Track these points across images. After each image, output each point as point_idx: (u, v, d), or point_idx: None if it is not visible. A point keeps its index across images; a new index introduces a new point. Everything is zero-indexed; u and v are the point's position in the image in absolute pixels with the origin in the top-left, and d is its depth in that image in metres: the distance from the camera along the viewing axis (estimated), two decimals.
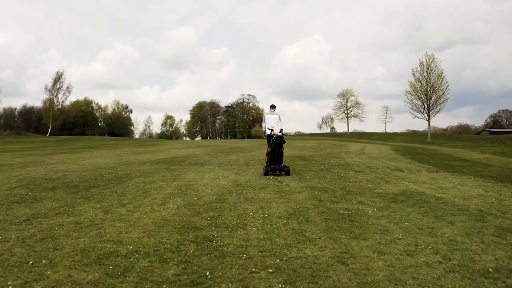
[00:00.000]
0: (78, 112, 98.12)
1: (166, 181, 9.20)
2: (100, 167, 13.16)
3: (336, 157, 17.00)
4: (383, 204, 6.41)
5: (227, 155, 18.00)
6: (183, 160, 15.75)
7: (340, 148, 25.31)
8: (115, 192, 7.69)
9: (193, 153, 20.24)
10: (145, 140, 63.84)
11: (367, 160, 15.74)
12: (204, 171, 11.57)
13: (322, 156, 17.18)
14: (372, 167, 12.97)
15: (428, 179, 10.19)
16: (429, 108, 46.60)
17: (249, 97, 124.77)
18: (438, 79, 45.51)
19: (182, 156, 18.10)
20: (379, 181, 9.28)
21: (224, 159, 15.69)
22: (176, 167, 12.86)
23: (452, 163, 15.81)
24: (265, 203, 6.32)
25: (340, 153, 19.51)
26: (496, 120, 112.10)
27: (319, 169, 11.79)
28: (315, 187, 8.09)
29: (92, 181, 9.57)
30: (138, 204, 6.41)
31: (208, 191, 7.55)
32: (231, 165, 13.41)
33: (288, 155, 17.77)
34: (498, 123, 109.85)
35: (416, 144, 40.71)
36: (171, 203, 6.48)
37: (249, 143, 39.12)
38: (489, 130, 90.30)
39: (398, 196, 7.25)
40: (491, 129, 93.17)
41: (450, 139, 50.12)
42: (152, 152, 22.27)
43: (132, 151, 24.57)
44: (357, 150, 22.74)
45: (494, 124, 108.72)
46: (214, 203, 6.41)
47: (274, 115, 10.91)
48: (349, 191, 7.64)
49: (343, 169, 12.04)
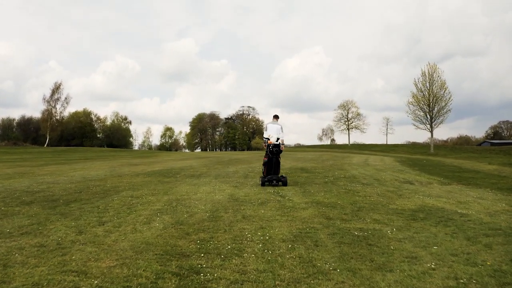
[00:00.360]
0: (77, 123, 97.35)
1: (156, 195, 8.34)
2: (89, 179, 12.31)
3: (340, 169, 16.14)
4: (402, 223, 5.54)
5: (225, 167, 17.14)
6: (178, 172, 14.89)
7: (342, 159, 24.46)
8: (96, 208, 6.82)
9: (190, 164, 19.38)
10: (144, 152, 62.96)
11: (373, 172, 14.87)
12: (199, 184, 10.71)
13: (325, 168, 16.33)
14: (380, 179, 12.10)
15: (443, 192, 9.33)
16: (431, 119, 45.83)
17: (249, 109, 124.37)
18: (440, 89, 44.86)
19: (178, 167, 17.24)
20: (391, 195, 8.41)
21: (222, 171, 14.83)
22: (170, 180, 12.00)
23: (463, 174, 14.95)
24: (265, 222, 5.45)
25: (344, 165, 18.64)
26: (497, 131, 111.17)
27: (324, 182, 10.93)
28: (321, 202, 7.22)
29: (75, 194, 8.72)
30: (119, 223, 5.54)
31: (201, 207, 6.68)
32: (229, 177, 12.55)
33: (289, 167, 16.92)
34: (499, 134, 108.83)
35: (419, 155, 39.85)
36: (157, 221, 5.61)
37: (248, 154, 38.23)
38: (490, 142, 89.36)
39: (416, 212, 6.38)
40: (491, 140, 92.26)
41: (453, 150, 49.25)
42: (148, 164, 21.41)
43: (127, 162, 23.71)
44: (361, 162, 21.88)
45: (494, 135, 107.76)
46: (206, 221, 5.54)
47: (276, 125, 10.51)
48: (360, 207, 6.77)
49: (349, 181, 11.18)
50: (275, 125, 10.48)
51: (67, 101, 75.50)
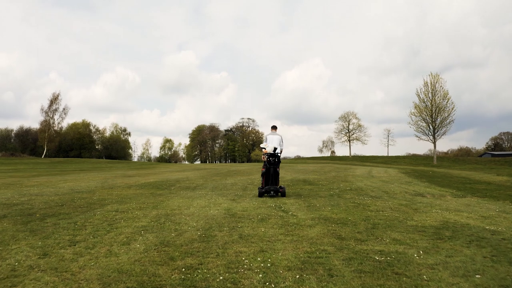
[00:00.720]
0: (75, 135, 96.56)
1: (144, 209, 7.48)
2: (77, 191, 11.47)
3: (344, 180, 15.29)
4: (427, 243, 4.69)
5: (223, 179, 16.28)
6: (173, 183, 14.04)
7: (345, 171, 23.60)
8: (73, 224, 5.97)
9: (187, 176, 18.53)
10: (142, 163, 62.00)
11: (380, 184, 14.02)
12: (194, 196, 9.86)
13: (328, 180, 15.47)
14: (388, 192, 11.24)
15: (461, 205, 8.48)
16: (434, 129, 45.04)
17: (249, 121, 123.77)
18: (443, 99, 44.15)
19: (174, 179, 16.39)
20: (406, 210, 7.56)
21: (220, 183, 13.98)
22: (163, 192, 11.15)
23: (475, 186, 14.09)
24: (266, 244, 4.59)
25: (347, 177, 17.79)
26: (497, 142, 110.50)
27: (329, 195, 10.08)
28: (329, 218, 6.37)
29: (56, 208, 7.88)
30: (93, 243, 4.69)
31: (192, 224, 5.82)
32: (227, 189, 11.70)
33: (291, 179, 16.08)
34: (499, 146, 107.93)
35: (423, 167, 38.96)
36: (139, 241, 4.76)
37: (248, 166, 37.38)
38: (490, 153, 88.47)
39: (440, 230, 5.53)
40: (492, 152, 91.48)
41: (457, 162, 48.37)
42: (143, 175, 20.56)
43: (122, 174, 22.86)
44: (365, 173, 21.02)
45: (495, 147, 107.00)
46: (196, 242, 4.68)
47: (275, 136, 10.30)
48: (375, 224, 5.92)
49: (357, 194, 10.33)
50: (275, 136, 10.28)
51: (65, 112, 74.96)
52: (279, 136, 10.29)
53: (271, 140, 10.15)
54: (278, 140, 10.15)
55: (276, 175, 9.75)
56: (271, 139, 10.18)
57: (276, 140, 10.14)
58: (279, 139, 10.21)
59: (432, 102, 44.55)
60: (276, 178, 9.75)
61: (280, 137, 10.27)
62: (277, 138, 10.20)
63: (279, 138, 10.23)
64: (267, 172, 9.71)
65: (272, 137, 10.24)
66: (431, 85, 44.79)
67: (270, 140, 10.16)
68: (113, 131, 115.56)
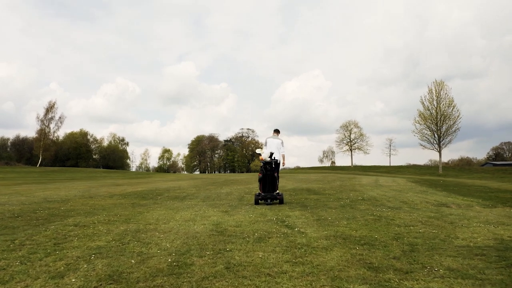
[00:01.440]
0: (72, 144, 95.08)
1: (112, 223, 5.97)
2: (49, 200, 10.00)
3: (352, 190, 13.78)
4: (499, 274, 3.18)
5: (218, 188, 14.76)
6: (162, 193, 12.53)
7: (350, 180, 22.08)
8: (10, 242, 4.51)
9: (179, 185, 17.00)
10: (138, 173, 60.29)
11: (394, 193, 12.49)
12: (180, 207, 8.36)
13: (335, 189, 13.96)
14: (407, 202, 9.73)
15: (501, 217, 6.96)
16: (439, 138, 43.55)
17: (248, 131, 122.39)
18: (448, 107, 42.75)
19: (164, 188, 14.88)
20: (441, 224, 6.04)
21: (213, 192, 12.46)
22: (147, 202, 9.66)
23: (499, 195, 12.56)
24: (266, 280, 3.06)
25: (355, 186, 16.27)
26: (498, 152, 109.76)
27: (340, 205, 8.57)
28: (349, 237, 4.84)
29: (8, 220, 6.47)
30: (12, 274, 3.19)
31: (164, 245, 4.30)
32: (220, 199, 10.20)
33: (293, 188, 14.56)
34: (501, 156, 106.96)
35: (429, 176, 37.38)
36: (79, 272, 3.25)
37: (247, 176, 35.79)
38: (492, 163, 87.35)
39: (503, 252, 4.02)
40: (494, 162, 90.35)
41: (462, 171, 46.79)
42: (134, 184, 19.04)
43: (112, 183, 21.31)
44: (372, 183, 19.50)
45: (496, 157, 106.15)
46: (161, 275, 3.17)
47: (276, 140, 9.80)
48: (412, 245, 4.40)
49: (372, 205, 8.81)
50: (275, 140, 9.79)
51: (61, 120, 73.39)
52: (280, 140, 9.78)
53: (270, 144, 9.64)
54: (277, 145, 9.64)
55: (273, 181, 9.20)
56: (270, 144, 9.66)
57: (275, 144, 9.63)
58: (279, 143, 9.70)
59: (437, 109, 43.16)
60: (273, 184, 9.20)
61: (280, 141, 9.75)
62: (276, 142, 9.69)
63: (279, 142, 9.71)
64: (263, 178, 9.22)
65: (272, 141, 9.73)
66: (435, 92, 43.47)
67: (269, 145, 9.64)
68: (111, 140, 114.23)
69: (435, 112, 43.23)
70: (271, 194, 9.00)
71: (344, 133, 66.98)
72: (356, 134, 66.24)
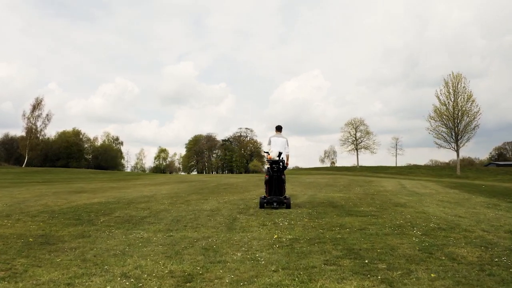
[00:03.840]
0: (63, 143, 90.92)
1: None
2: None
3: (390, 201, 9.78)
4: None
5: (202, 199, 10.70)
6: (117, 208, 8.55)
7: (369, 185, 18.09)
8: None
9: (155, 193, 12.96)
10: (128, 174, 56.04)
11: (460, 210, 8.43)
12: (110, 254, 4.32)
13: (365, 201, 9.94)
14: (507, 229, 5.68)
15: None
16: (457, 136, 39.51)
17: (247, 130, 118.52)
18: (467, 102, 38.76)
19: (130, 199, 10.86)
20: None
21: (191, 210, 8.40)
22: (69, 233, 5.64)
23: None
24: None
25: (385, 195, 12.28)
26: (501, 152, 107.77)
27: (422, 249, 4.50)
28: None
29: None
30: None
31: None
32: (196, 227, 6.16)
33: (308, 200, 10.51)
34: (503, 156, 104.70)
35: (450, 178, 33.35)
36: None
37: (245, 178, 31.57)
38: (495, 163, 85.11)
39: None
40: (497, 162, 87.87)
41: (481, 172, 42.68)
42: (103, 190, 15.05)
43: (79, 188, 17.26)
44: (401, 190, 15.49)
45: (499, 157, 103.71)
46: None
47: (280, 138, 9.16)
48: None
49: (466, 240, 4.76)
50: (280, 138, 9.17)
51: (48, 118, 69.29)
52: (285, 139, 9.20)
53: (275, 143, 9.00)
54: (283, 144, 9.04)
55: (280, 184, 8.73)
56: (275, 142, 9.02)
57: (280, 143, 9.01)
58: (284, 142, 9.12)
59: (454, 105, 39.13)
60: (280, 187, 8.72)
61: (285, 140, 9.19)
62: (281, 141, 9.10)
63: (284, 141, 9.13)
64: (270, 180, 8.71)
65: (277, 139, 9.11)
66: (452, 86, 39.44)
67: (274, 143, 8.99)
68: (105, 140, 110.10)
69: (452, 108, 39.21)
70: (278, 198, 8.46)
71: (349, 131, 62.59)
72: (362, 133, 62.01)
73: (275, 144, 8.96)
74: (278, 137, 9.14)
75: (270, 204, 8.40)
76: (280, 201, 8.40)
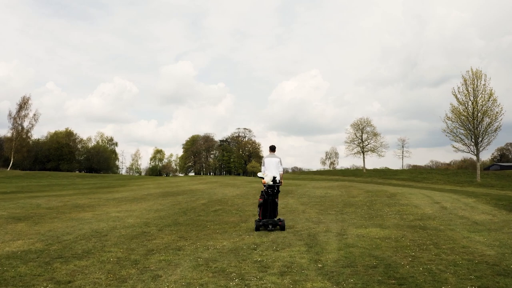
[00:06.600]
0: (53, 144, 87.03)
1: None
2: None
3: (480, 257, 6.09)
4: None
5: (172, 250, 6.99)
6: (19, 276, 4.83)
7: (398, 202, 14.46)
8: None
9: (116, 225, 9.41)
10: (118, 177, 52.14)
11: None
12: None
13: (429, 251, 6.27)
14: None
15: None
16: (477, 138, 35.88)
17: (245, 131, 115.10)
18: (488, 100, 35.11)
19: (66, 243, 7.20)
20: None
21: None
22: None
23: None
24: None
25: (443, 228, 8.70)
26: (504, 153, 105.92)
27: None
28: None
29: None
30: None
31: None
32: None
33: (343, 259, 6.78)
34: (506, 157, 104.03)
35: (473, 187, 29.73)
36: None
37: (241, 182, 27.90)
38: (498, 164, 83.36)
39: None
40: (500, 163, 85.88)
41: (503, 178, 39.04)
42: (48, 216, 11.58)
43: (20, 210, 13.60)
44: (441, 210, 11.89)
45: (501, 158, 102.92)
46: None
47: (274, 159, 9.48)
48: None
49: None
50: (273, 159, 9.51)
51: (35, 118, 65.46)
52: (278, 158, 9.56)
53: (269, 165, 9.31)
54: (276, 164, 9.38)
55: (274, 206, 8.99)
56: (268, 163, 9.34)
57: (274, 164, 9.34)
58: (278, 162, 9.46)
59: (474, 104, 35.49)
60: (274, 209, 8.97)
61: (278, 160, 9.53)
62: (275, 161, 9.43)
63: (277, 161, 9.48)
64: (264, 203, 8.94)
65: (270, 160, 9.44)
66: (472, 83, 35.79)
67: (268, 165, 9.30)
68: (99, 140, 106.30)
69: (472, 108, 35.55)
70: (272, 220, 8.72)
71: (355, 132, 58.70)
72: (369, 134, 58.10)
73: (269, 165, 9.26)
74: (271, 157, 9.48)
75: (265, 227, 8.72)
76: (275, 223, 8.71)
